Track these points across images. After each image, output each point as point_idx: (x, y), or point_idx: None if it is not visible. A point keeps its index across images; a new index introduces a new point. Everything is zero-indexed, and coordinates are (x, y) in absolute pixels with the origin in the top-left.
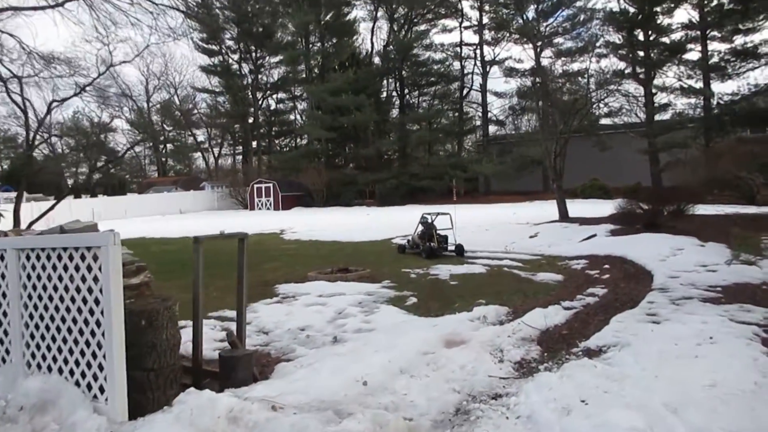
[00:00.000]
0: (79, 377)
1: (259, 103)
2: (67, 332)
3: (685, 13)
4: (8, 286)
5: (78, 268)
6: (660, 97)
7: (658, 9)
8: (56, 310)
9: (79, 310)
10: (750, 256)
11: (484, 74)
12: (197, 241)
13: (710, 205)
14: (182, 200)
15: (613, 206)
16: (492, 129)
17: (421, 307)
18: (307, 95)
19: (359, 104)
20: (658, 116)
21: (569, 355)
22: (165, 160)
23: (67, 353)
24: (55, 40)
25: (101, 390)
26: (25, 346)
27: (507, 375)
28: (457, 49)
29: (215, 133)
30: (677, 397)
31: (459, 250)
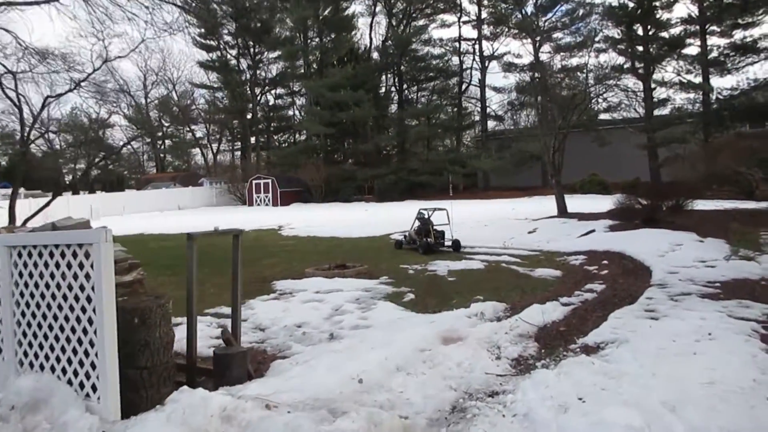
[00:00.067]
0: (72, 376)
1: (258, 98)
2: (60, 330)
3: (685, 8)
4: (0, 284)
5: (70, 266)
6: (659, 92)
7: (657, 3)
8: (48, 307)
9: (71, 308)
10: (749, 251)
11: (483, 69)
12: (191, 238)
13: (709, 201)
14: (181, 196)
15: (612, 202)
16: (491, 124)
17: (418, 304)
18: (305, 91)
19: (358, 100)
20: (657, 111)
21: (567, 352)
22: (163, 156)
23: (60, 351)
24: (51, 36)
25: (93, 389)
26: (18, 344)
27: (504, 372)
28: (456, 44)
29: (214, 129)
30: (675, 395)
31: (456, 246)
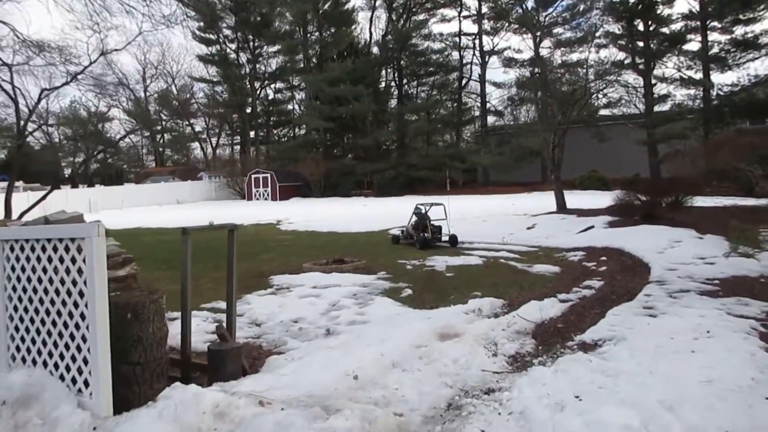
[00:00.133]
0: (64, 371)
1: (257, 92)
2: (52, 325)
3: (685, 3)
4: None
5: (62, 260)
6: (659, 88)
7: None
8: (41, 302)
9: (64, 303)
10: (748, 248)
11: (483, 64)
12: (185, 233)
13: (709, 197)
14: (180, 190)
15: (612, 198)
16: (490, 119)
17: (415, 299)
18: (305, 85)
19: (357, 94)
20: (658, 107)
21: (564, 349)
22: (162, 150)
23: (52, 347)
24: (48, 29)
25: (86, 384)
26: (10, 339)
27: (500, 369)
28: (456, 39)
29: (213, 123)
30: (673, 394)
31: (453, 241)
